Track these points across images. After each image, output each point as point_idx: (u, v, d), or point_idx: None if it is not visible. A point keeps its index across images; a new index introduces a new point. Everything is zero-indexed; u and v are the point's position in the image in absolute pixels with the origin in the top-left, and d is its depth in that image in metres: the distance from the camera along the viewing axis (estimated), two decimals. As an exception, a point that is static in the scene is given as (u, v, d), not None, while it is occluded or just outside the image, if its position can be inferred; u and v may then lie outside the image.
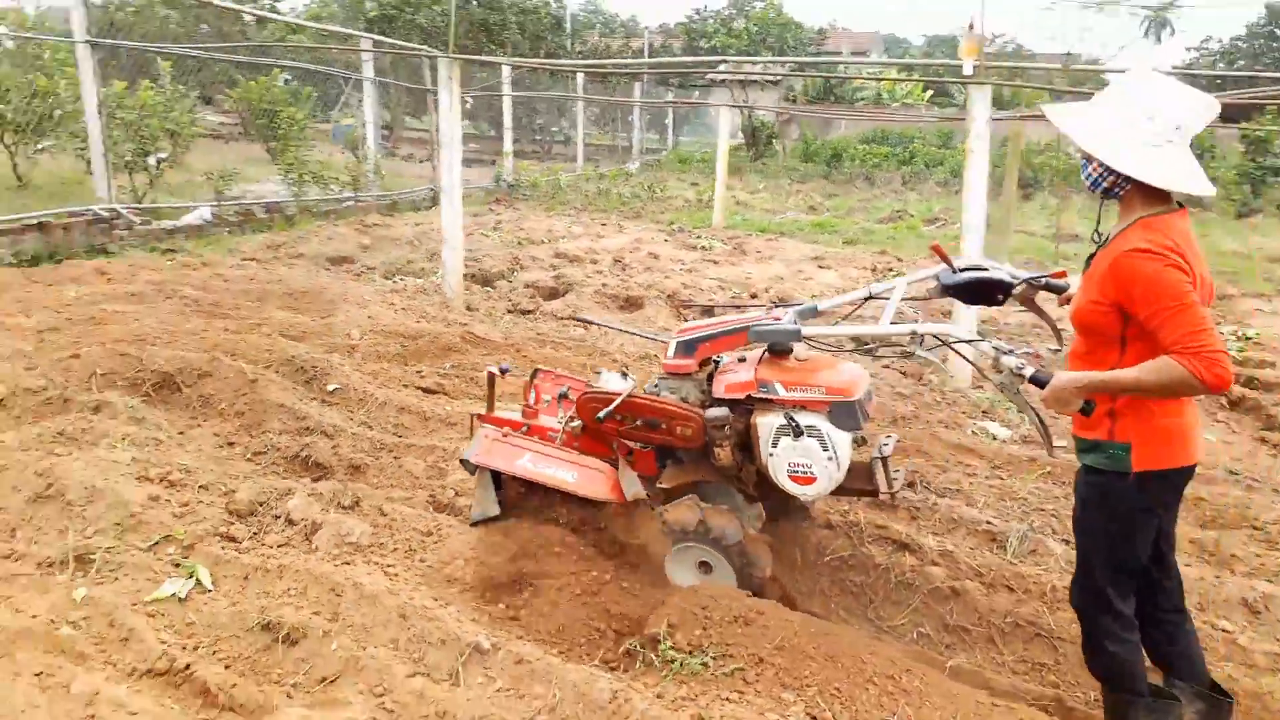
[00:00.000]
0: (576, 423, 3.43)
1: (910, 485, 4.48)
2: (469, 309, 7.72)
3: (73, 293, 6.56)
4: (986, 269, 3.02)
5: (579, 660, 2.84)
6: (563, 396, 3.63)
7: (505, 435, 3.46)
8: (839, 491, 3.19)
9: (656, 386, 3.39)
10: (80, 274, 7.20)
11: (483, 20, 25.95)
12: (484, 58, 13.68)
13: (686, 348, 3.28)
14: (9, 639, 2.65)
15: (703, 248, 11.54)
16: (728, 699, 2.63)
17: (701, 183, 19.74)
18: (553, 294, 8.58)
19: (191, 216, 10.31)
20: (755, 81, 26.19)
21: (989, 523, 3.97)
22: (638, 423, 3.25)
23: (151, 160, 11.32)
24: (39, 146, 12.33)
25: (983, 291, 3.00)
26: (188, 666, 2.68)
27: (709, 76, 26.95)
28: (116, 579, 3.07)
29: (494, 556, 3.26)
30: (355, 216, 12.17)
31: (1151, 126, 2.37)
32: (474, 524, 3.48)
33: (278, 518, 3.52)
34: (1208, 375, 2.20)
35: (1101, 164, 2.44)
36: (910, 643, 3.32)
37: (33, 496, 3.39)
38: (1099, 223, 2.67)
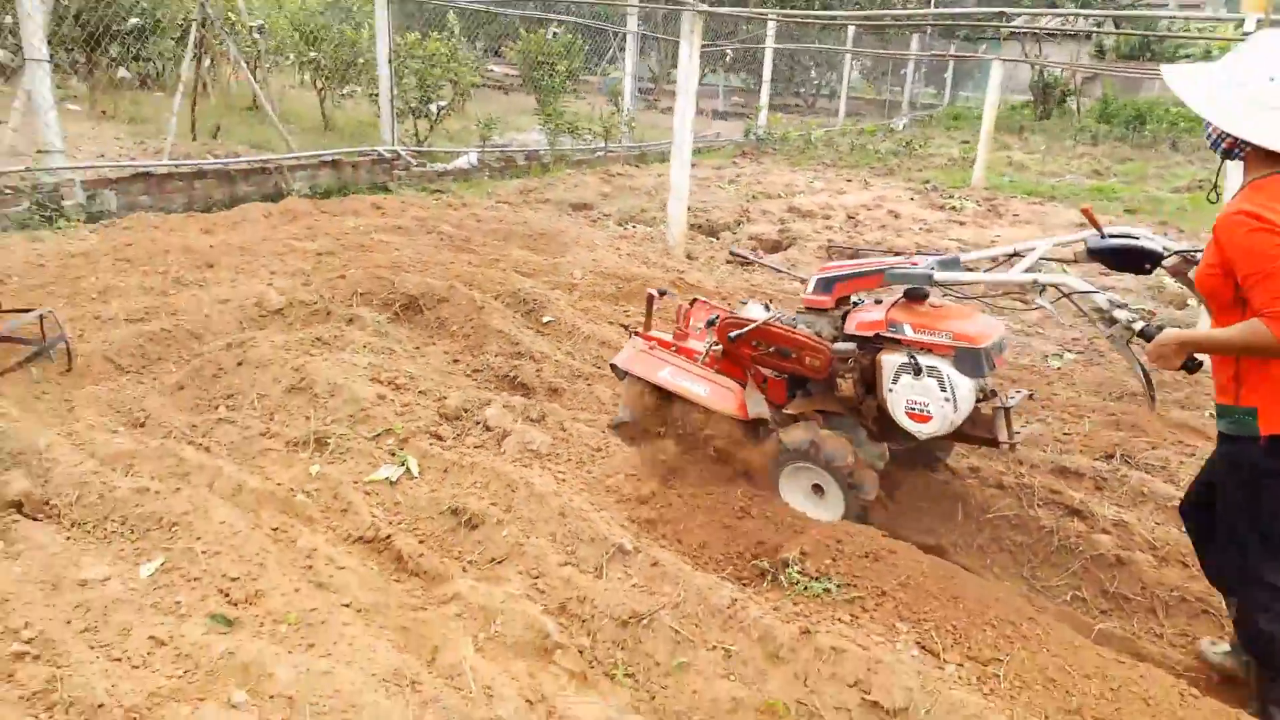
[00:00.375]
0: (718, 346, 3.66)
1: (1109, 457, 4.31)
2: (689, 257, 8.03)
3: (350, 223, 7.54)
4: (1138, 238, 2.94)
5: (712, 572, 3.09)
6: (710, 323, 3.85)
7: (652, 349, 3.76)
8: (960, 437, 3.32)
9: (794, 320, 3.56)
10: (359, 207, 8.24)
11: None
12: (733, 10, 13.64)
13: (825, 285, 3.47)
14: (256, 499, 3.30)
15: (951, 208, 11.12)
16: (840, 620, 2.79)
17: (973, 140, 18.75)
18: (775, 247, 8.70)
19: (460, 161, 11.35)
20: (1053, 35, 24.25)
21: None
22: (771, 350, 3.45)
23: (432, 107, 12.53)
24: (344, 92, 14.01)
25: (1130, 259, 2.96)
26: (388, 537, 3.21)
27: (1000, 29, 25.34)
28: (344, 460, 3.69)
29: (649, 473, 3.56)
30: (603, 166, 12.83)
31: (1269, 87, 2.32)
32: (614, 426, 3.84)
33: (478, 423, 4.03)
34: None
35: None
36: (1062, 604, 3.27)
37: (289, 388, 4.11)
38: (1215, 185, 2.70)
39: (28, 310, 4.39)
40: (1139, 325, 2.64)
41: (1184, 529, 3.04)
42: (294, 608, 2.69)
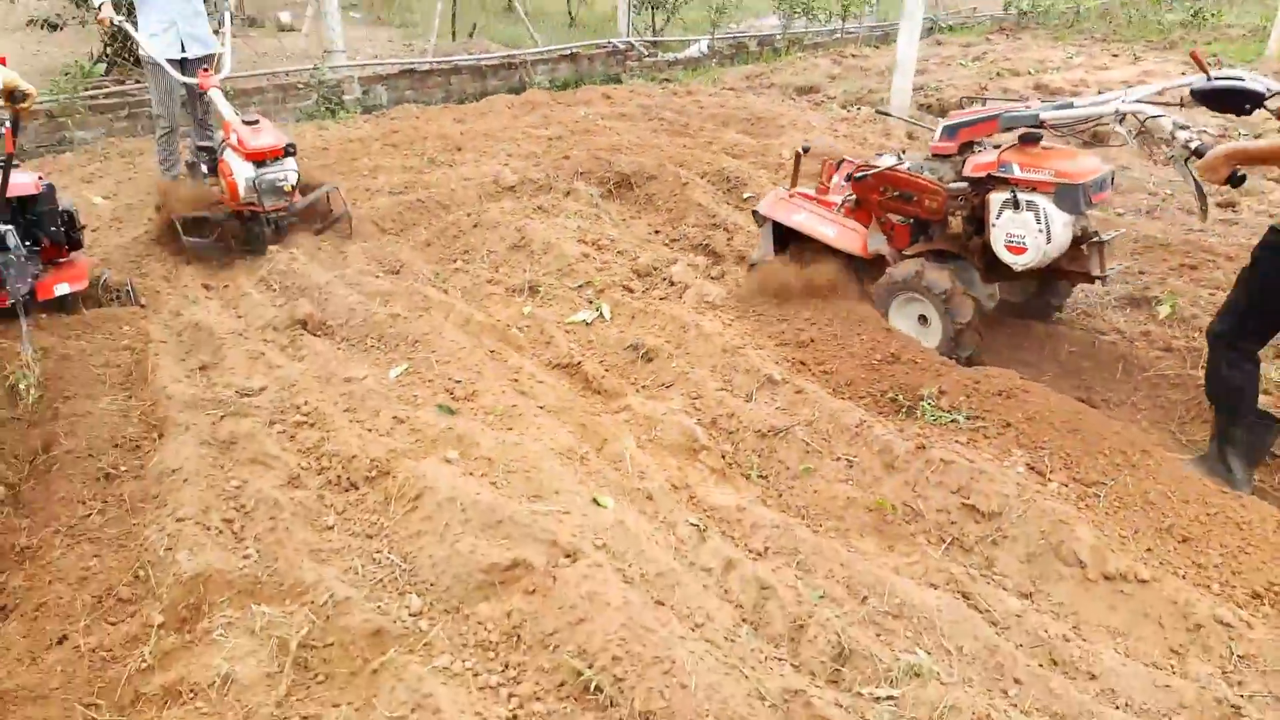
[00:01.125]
0: (852, 197, 4.05)
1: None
2: (909, 137, 8.00)
3: (581, 112, 8.20)
4: (1243, 79, 2.96)
5: (854, 404, 3.46)
6: (849, 178, 4.15)
7: (790, 196, 4.20)
8: (1057, 273, 3.63)
9: (921, 166, 3.87)
10: (590, 98, 8.88)
11: None
12: None
13: (950, 132, 3.79)
14: (480, 329, 4.04)
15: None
16: (959, 442, 3.10)
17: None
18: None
19: (691, 49, 11.70)
20: None
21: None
22: (895, 194, 3.84)
23: (668, -1, 12.89)
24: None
25: (1233, 100, 2.99)
26: (579, 363, 3.84)
27: None
28: (551, 305, 4.36)
29: (807, 321, 3.94)
30: (839, 48, 12.67)
31: None
32: (751, 265, 4.37)
33: (664, 279, 4.57)
34: None
35: None
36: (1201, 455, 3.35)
37: (511, 246, 4.84)
38: None
39: (319, 185, 5.36)
40: (1195, 144, 2.92)
41: None
42: (500, 404, 3.39)
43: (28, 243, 3.90)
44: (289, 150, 4.68)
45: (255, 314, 4.20)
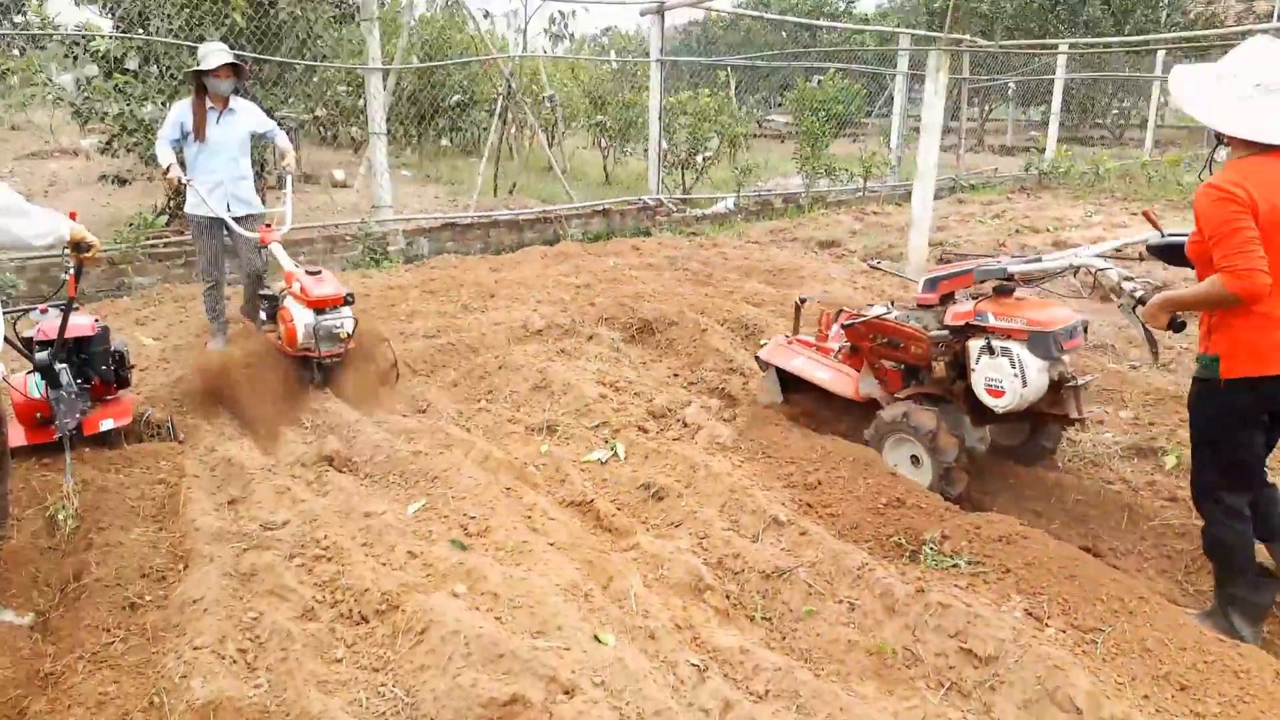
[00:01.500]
0: (847, 344, 4.35)
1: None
2: (905, 290, 8.24)
3: (610, 262, 8.58)
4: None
5: (857, 546, 3.51)
6: (845, 326, 4.42)
7: (789, 343, 4.66)
8: (1039, 416, 3.81)
9: (907, 316, 4.15)
10: (620, 249, 9.30)
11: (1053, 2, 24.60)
12: (980, 45, 13.40)
13: (930, 284, 4.10)
14: (498, 466, 4.18)
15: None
16: (958, 587, 3.12)
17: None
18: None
19: (718, 205, 12.25)
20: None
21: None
22: (884, 340, 4.13)
23: (698, 158, 13.60)
24: (625, 150, 15.50)
25: (1182, 254, 3.15)
26: (591, 501, 3.95)
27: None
28: (568, 444, 4.51)
29: (815, 464, 4.03)
30: (860, 205, 13.18)
31: (1235, 81, 2.82)
32: (764, 406, 4.69)
33: (678, 420, 4.71)
34: (1234, 286, 2.68)
35: None
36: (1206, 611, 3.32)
37: (533, 386, 5.05)
38: (1206, 167, 3.13)
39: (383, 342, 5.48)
40: (1139, 293, 3.22)
41: None
42: (511, 540, 3.49)
43: (79, 380, 4.16)
44: (348, 299, 4.87)
45: (286, 450, 4.39)
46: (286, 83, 8.48)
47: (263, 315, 5.35)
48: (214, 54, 5.39)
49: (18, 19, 8.29)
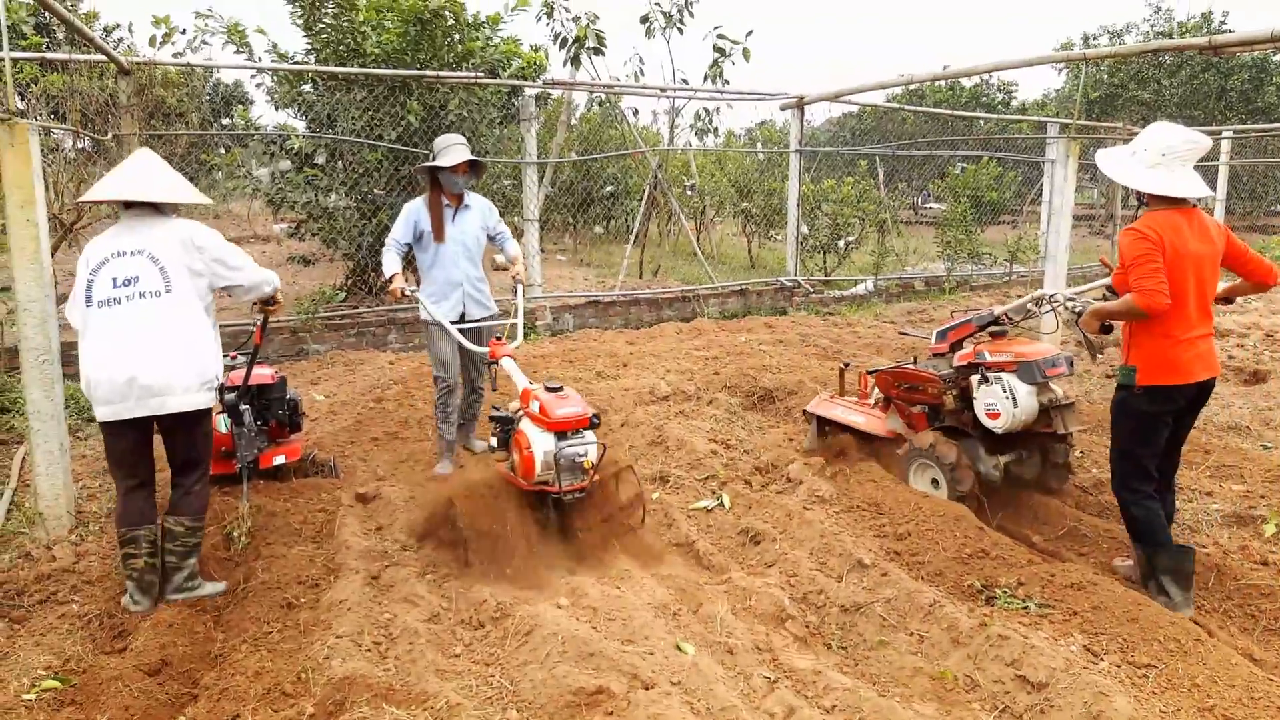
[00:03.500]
0: (879, 395, 5.05)
1: None
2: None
3: (742, 338, 8.98)
4: None
5: (935, 587, 3.67)
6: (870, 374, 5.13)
7: (831, 398, 5.51)
8: (1035, 436, 4.54)
9: (925, 365, 4.87)
10: (753, 326, 9.70)
11: (1221, 88, 23.79)
12: (1100, 126, 13.16)
13: (940, 336, 4.92)
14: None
15: None
16: (1022, 624, 3.25)
17: None
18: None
19: (858, 288, 12.48)
20: None
21: None
22: (906, 385, 4.85)
23: (841, 243, 13.90)
24: (771, 235, 16.01)
25: None
26: (694, 542, 4.28)
27: None
28: (679, 492, 4.87)
29: (904, 518, 4.22)
30: (1005, 288, 13.08)
31: (1145, 154, 3.63)
32: (807, 451, 5.36)
33: (782, 475, 4.98)
34: (1141, 302, 3.45)
35: None
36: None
37: (650, 441, 5.46)
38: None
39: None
40: (1078, 308, 4.08)
41: None
42: (615, 569, 3.86)
43: (259, 421, 4.88)
44: (594, 421, 4.12)
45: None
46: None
47: (492, 441, 4.52)
48: (453, 149, 5.07)
49: (225, 121, 9.68)
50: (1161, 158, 3.58)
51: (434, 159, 5.13)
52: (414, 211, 5.19)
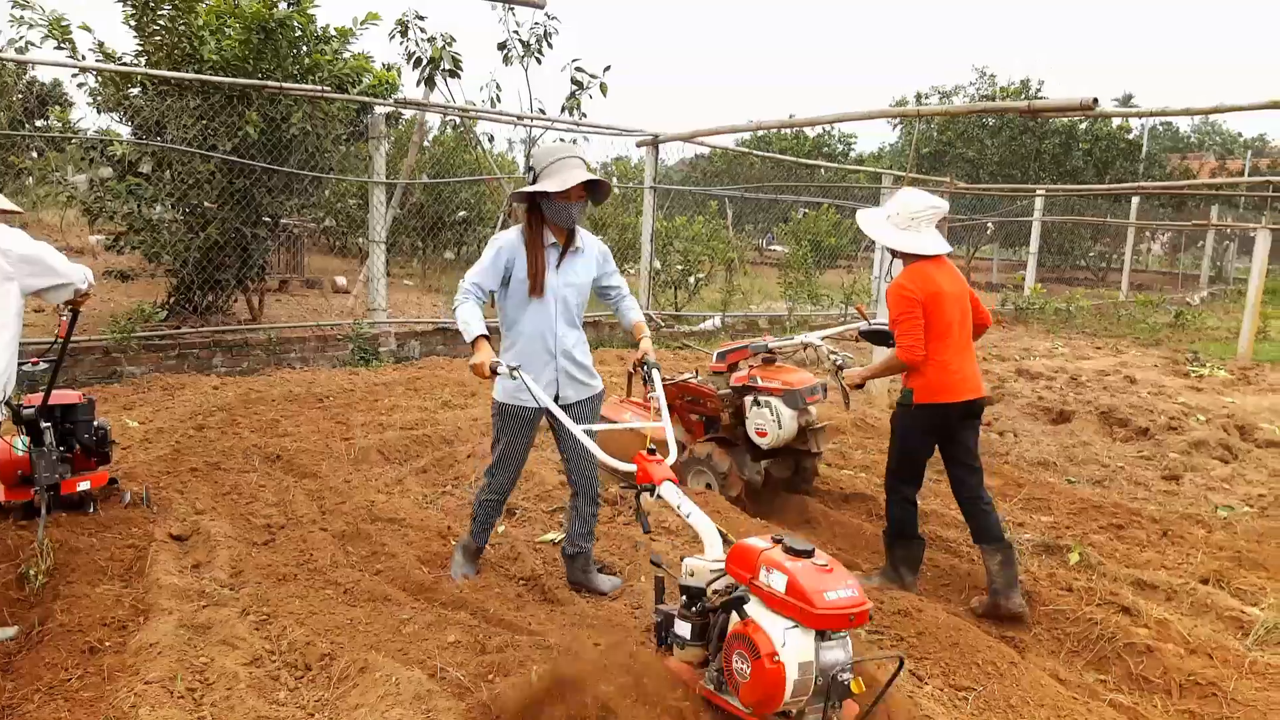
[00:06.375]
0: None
1: (1204, 581, 4.40)
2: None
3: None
4: (885, 323, 4.33)
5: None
6: None
7: (620, 402, 5.67)
8: (793, 453, 5.23)
9: (705, 380, 5.42)
10: (605, 358, 9.72)
11: (1036, 150, 25.83)
12: (945, 185, 14.12)
13: (720, 357, 5.49)
14: (454, 541, 4.41)
15: (1196, 375, 10.72)
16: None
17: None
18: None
19: (707, 324, 12.74)
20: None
21: (1244, 611, 3.92)
22: (689, 398, 5.46)
23: (691, 279, 14.18)
24: (624, 269, 16.12)
25: (882, 337, 4.60)
26: (539, 577, 4.17)
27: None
28: (524, 525, 4.75)
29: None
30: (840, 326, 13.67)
31: (898, 217, 4.08)
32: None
33: (630, 506, 4.96)
34: (903, 356, 3.97)
35: None
36: (1082, 679, 3.53)
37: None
38: (887, 274, 4.04)
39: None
40: (839, 362, 4.68)
41: None
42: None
43: (61, 447, 4.43)
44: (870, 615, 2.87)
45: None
46: (294, 192, 9.04)
47: (680, 629, 2.81)
48: (567, 167, 3.57)
49: (39, 122, 8.91)
50: (911, 220, 4.06)
51: (535, 179, 3.59)
52: (508, 250, 3.72)
